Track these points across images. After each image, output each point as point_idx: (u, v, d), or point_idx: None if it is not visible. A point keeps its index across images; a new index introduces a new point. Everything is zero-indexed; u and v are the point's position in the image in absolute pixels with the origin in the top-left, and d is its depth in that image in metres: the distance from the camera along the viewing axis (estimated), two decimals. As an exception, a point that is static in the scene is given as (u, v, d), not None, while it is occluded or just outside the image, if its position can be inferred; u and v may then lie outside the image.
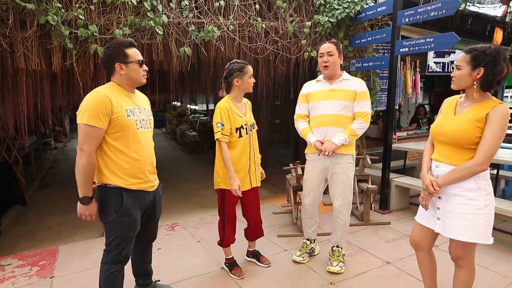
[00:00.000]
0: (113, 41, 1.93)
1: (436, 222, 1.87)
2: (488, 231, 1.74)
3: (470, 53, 1.70)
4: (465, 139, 1.71)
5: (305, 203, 2.81)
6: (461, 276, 1.88)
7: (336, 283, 2.54)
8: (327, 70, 2.58)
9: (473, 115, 1.71)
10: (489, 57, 1.65)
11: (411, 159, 5.13)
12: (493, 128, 1.65)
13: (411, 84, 5.11)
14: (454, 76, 1.77)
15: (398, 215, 3.92)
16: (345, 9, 3.95)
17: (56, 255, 3.11)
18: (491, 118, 1.65)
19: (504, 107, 1.66)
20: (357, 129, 2.55)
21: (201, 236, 3.45)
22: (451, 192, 1.79)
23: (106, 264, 1.93)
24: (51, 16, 2.82)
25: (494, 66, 1.64)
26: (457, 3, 3.10)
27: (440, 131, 1.83)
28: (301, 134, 2.74)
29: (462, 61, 1.73)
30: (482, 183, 1.74)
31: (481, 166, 1.67)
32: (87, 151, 1.75)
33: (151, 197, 2.05)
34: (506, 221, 3.58)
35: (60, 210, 4.68)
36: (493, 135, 1.65)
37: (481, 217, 1.72)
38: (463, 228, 1.74)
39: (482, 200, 1.73)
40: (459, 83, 1.76)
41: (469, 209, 1.73)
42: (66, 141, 12.30)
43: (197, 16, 3.53)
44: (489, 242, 1.75)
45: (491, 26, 5.37)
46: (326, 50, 2.55)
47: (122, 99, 1.87)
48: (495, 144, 1.65)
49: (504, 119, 1.65)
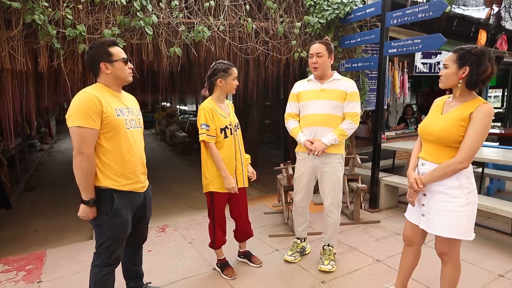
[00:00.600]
0: (95, 41, 1.90)
1: (420, 218, 1.92)
2: (470, 228, 1.79)
3: (457, 52, 1.75)
4: (449, 138, 1.75)
5: (296, 200, 2.84)
6: (447, 272, 1.93)
7: (327, 281, 2.56)
8: (316, 71, 2.60)
9: (458, 114, 1.75)
10: (474, 56, 1.69)
11: (399, 158, 5.21)
12: (475, 127, 1.68)
13: (399, 84, 5.20)
14: (442, 75, 1.81)
15: (388, 213, 3.98)
16: (334, 10, 3.99)
17: (43, 259, 3.04)
18: (475, 117, 1.69)
19: (488, 106, 1.70)
20: (346, 129, 2.57)
21: (192, 237, 3.43)
22: (434, 190, 1.84)
23: (96, 267, 1.90)
24: (38, 15, 2.77)
25: (479, 65, 1.68)
26: (444, 5, 3.17)
27: (426, 130, 1.88)
28: (291, 133, 2.76)
29: (449, 60, 1.77)
30: (465, 181, 1.78)
31: (462, 164, 1.72)
32: (86, 153, 1.72)
33: (142, 198, 2.03)
34: (491, 218, 3.67)
35: (47, 213, 4.58)
36: (475, 134, 1.68)
37: (463, 214, 1.77)
38: (445, 224, 1.79)
39: (464, 198, 1.77)
40: (446, 82, 1.80)
41: (451, 206, 1.78)
42: (52, 143, 12.05)
43: (187, 16, 3.51)
44: (470, 238, 1.79)
45: (476, 28, 5.52)
46: (315, 51, 2.56)
47: (111, 99, 1.85)
48: (477, 143, 1.69)
49: (487, 118, 1.69)
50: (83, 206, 1.78)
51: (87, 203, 1.77)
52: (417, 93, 9.02)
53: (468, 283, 2.48)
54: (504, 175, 4.35)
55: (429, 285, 2.45)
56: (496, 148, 4.44)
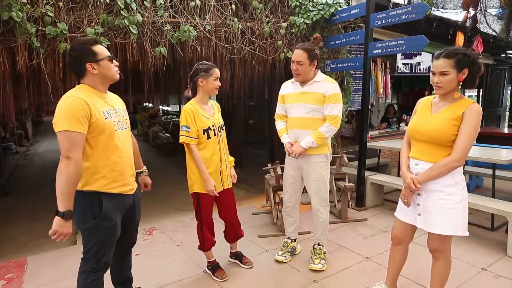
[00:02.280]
0: (76, 42, 1.82)
1: (417, 218, 1.95)
2: (465, 223, 1.84)
3: (452, 58, 1.74)
4: (443, 137, 1.79)
5: (284, 199, 2.87)
6: (439, 268, 1.98)
7: (319, 280, 2.58)
8: (297, 77, 2.60)
9: (449, 113, 1.80)
10: (469, 58, 1.74)
11: (383, 157, 5.32)
12: (468, 126, 1.74)
13: (382, 84, 5.30)
14: (440, 82, 1.78)
15: (374, 211, 4.05)
16: (319, 11, 4.03)
17: (24, 266, 2.92)
18: (467, 117, 1.74)
19: (478, 106, 1.77)
20: (324, 132, 2.53)
21: (180, 239, 3.37)
22: (430, 188, 1.87)
23: (84, 273, 1.83)
24: (15, 12, 2.64)
25: (474, 65, 1.75)
26: (426, 7, 3.26)
27: (418, 130, 1.90)
28: (278, 134, 2.80)
29: (447, 67, 1.75)
30: (459, 178, 1.83)
31: (458, 162, 1.76)
32: (74, 158, 1.63)
33: (131, 201, 1.98)
34: (472, 213, 3.77)
35: (25, 219, 4.40)
36: (469, 133, 1.74)
37: (459, 210, 1.82)
38: (443, 222, 1.83)
39: (459, 195, 1.82)
40: (448, 88, 1.79)
41: (448, 204, 1.82)
42: (29, 145, 11.60)
43: (172, 15, 3.46)
44: (466, 234, 1.84)
45: (454, 30, 5.70)
46: (296, 59, 2.52)
47: (97, 101, 1.79)
48: (471, 141, 1.75)
49: (477, 117, 1.75)
50: (57, 219, 1.61)
51: (62, 215, 1.60)
52: (398, 93, 9.25)
53: (453, 277, 2.54)
54: (482, 172, 4.51)
55: (417, 280, 2.51)
56: (474, 146, 4.61)
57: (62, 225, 1.62)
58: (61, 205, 1.61)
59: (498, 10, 6.31)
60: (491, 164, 3.69)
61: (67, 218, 1.62)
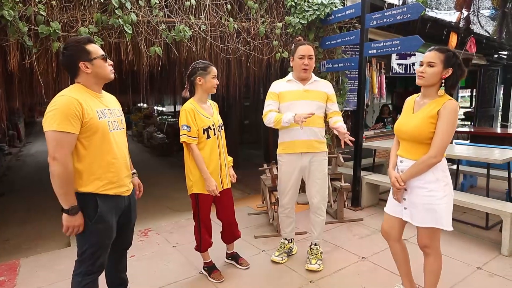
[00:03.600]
0: (69, 40, 1.79)
1: (403, 211, 2.01)
2: (449, 218, 1.90)
3: (444, 53, 1.82)
4: (422, 135, 1.86)
5: (283, 203, 2.82)
6: (429, 264, 2.02)
7: (315, 281, 2.57)
8: (306, 72, 2.61)
9: (427, 112, 1.86)
10: (457, 60, 1.82)
11: (378, 157, 5.33)
12: (443, 123, 1.79)
13: (377, 84, 5.32)
14: (425, 72, 1.84)
15: (369, 211, 4.06)
16: (315, 11, 4.04)
17: (17, 269, 2.87)
18: (442, 114, 1.79)
19: (453, 103, 1.81)
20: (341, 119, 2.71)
21: (176, 241, 3.34)
22: (414, 185, 1.94)
23: (78, 275, 1.80)
24: (7, 11, 2.60)
25: (459, 68, 1.82)
26: (420, 8, 3.28)
27: (401, 129, 1.98)
28: (275, 122, 2.59)
29: (436, 59, 1.82)
30: (440, 175, 1.88)
31: (435, 158, 1.82)
32: (60, 159, 1.60)
33: (126, 202, 1.95)
34: (467, 212, 3.83)
35: (18, 221, 4.33)
36: (444, 130, 1.79)
37: (441, 206, 1.87)
38: (427, 216, 1.90)
39: (441, 191, 1.88)
40: (430, 79, 1.84)
41: (431, 200, 1.88)
42: (21, 146, 11.46)
43: (167, 15, 3.43)
44: (450, 229, 1.90)
45: (447, 30, 5.75)
46: (307, 53, 2.57)
47: (91, 101, 1.76)
48: (447, 137, 1.80)
49: (452, 113, 1.79)
50: (64, 216, 1.67)
51: (67, 212, 1.65)
52: (393, 93, 9.31)
53: (449, 276, 2.56)
54: (476, 171, 4.55)
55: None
56: (468, 146, 4.65)
57: (70, 220, 1.67)
58: (63, 203, 1.65)
59: (491, 11, 6.38)
60: (485, 164, 3.72)
61: (73, 214, 1.66)
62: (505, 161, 3.37)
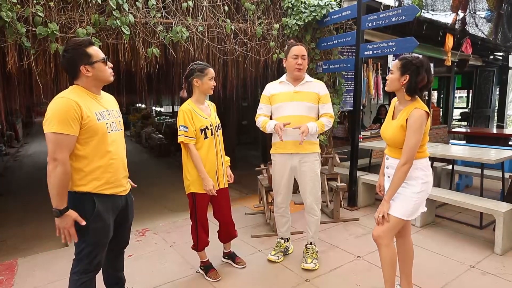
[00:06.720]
0: (71, 42, 1.80)
1: None
2: (414, 212, 2.03)
3: (401, 60, 1.96)
4: (398, 142, 2.01)
5: (277, 202, 2.86)
6: (382, 254, 2.07)
7: (311, 279, 2.60)
8: (300, 72, 2.63)
9: (400, 121, 1.98)
10: (414, 66, 1.90)
11: (375, 157, 5.37)
12: (409, 132, 1.92)
13: (374, 85, 5.36)
14: (388, 79, 2.03)
15: (366, 211, 4.09)
16: (311, 12, 4.07)
17: (14, 269, 2.88)
18: (408, 123, 1.93)
19: (417, 111, 1.91)
20: (326, 123, 2.66)
21: (173, 240, 3.37)
22: None
23: (76, 274, 1.82)
24: (5, 12, 2.62)
25: (417, 75, 1.90)
26: (415, 10, 3.32)
27: (383, 135, 2.15)
28: (261, 126, 2.70)
29: (394, 67, 1.99)
30: (420, 174, 2.01)
31: (406, 165, 1.94)
32: (61, 159, 1.63)
33: (123, 201, 1.97)
34: (461, 212, 3.87)
35: (15, 221, 4.33)
36: (409, 138, 1.92)
37: (413, 200, 2.00)
38: (397, 204, 2.01)
39: (419, 187, 2.00)
40: (391, 85, 2.02)
41: (406, 192, 2.01)
42: (19, 147, 11.44)
43: (165, 16, 3.46)
44: (410, 219, 2.05)
45: (443, 32, 5.80)
46: (301, 53, 2.60)
47: (90, 103, 1.78)
48: (412, 144, 1.91)
49: (416, 121, 1.90)
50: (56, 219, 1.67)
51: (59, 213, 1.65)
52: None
53: (443, 274, 2.60)
54: (471, 172, 4.59)
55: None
56: (463, 146, 4.69)
57: (61, 221, 1.68)
58: (55, 203, 1.66)
59: (487, 13, 6.42)
60: (480, 164, 3.76)
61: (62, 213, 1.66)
62: (498, 161, 3.41)
